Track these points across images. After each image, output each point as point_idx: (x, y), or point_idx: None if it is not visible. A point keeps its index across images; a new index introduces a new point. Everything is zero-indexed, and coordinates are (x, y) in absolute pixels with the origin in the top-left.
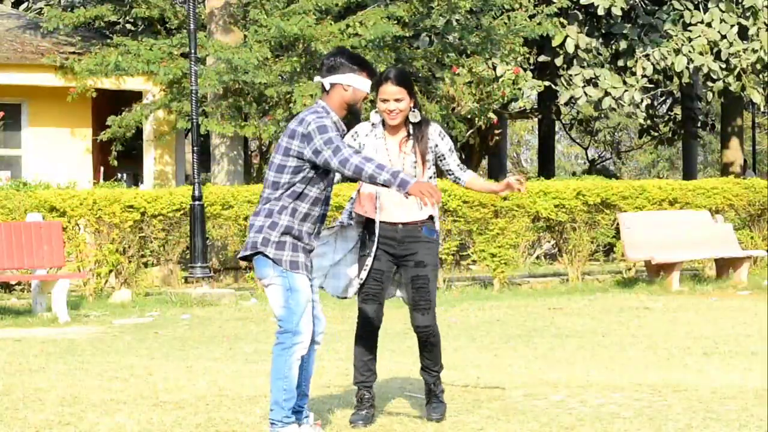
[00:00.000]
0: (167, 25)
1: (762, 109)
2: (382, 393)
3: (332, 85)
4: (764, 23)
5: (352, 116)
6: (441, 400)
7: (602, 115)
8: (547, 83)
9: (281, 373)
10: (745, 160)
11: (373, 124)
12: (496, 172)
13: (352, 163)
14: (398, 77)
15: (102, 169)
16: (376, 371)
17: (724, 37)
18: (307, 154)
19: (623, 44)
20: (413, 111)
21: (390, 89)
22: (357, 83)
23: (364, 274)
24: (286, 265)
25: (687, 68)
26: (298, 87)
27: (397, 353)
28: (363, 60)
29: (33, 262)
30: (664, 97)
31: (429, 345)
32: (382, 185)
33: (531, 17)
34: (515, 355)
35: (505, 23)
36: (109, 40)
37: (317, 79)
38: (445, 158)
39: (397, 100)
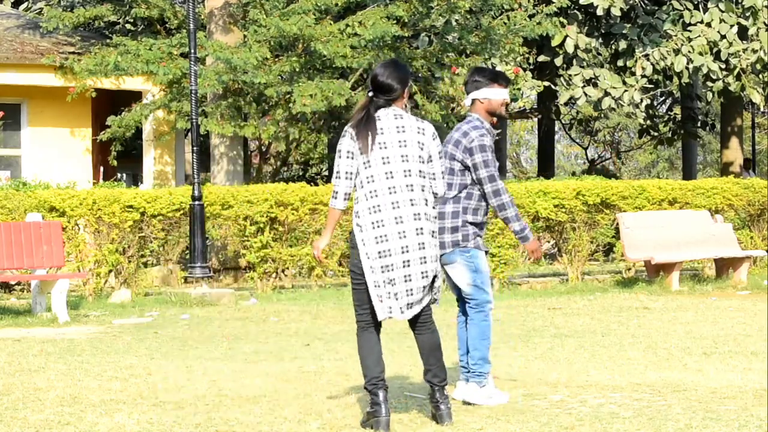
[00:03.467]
0: (167, 25)
1: (762, 109)
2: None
3: (472, 100)
4: (764, 23)
5: (498, 119)
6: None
7: (602, 115)
8: (546, 83)
9: (486, 335)
10: (746, 159)
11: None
12: None
13: (502, 199)
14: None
15: (102, 169)
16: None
17: (723, 37)
18: (469, 164)
19: (623, 44)
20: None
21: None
22: (490, 95)
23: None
24: (476, 247)
25: (687, 68)
26: (297, 87)
27: (398, 352)
28: (492, 72)
29: (33, 262)
30: (663, 97)
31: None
32: (506, 225)
33: (530, 17)
34: (515, 355)
35: (505, 23)
36: (108, 40)
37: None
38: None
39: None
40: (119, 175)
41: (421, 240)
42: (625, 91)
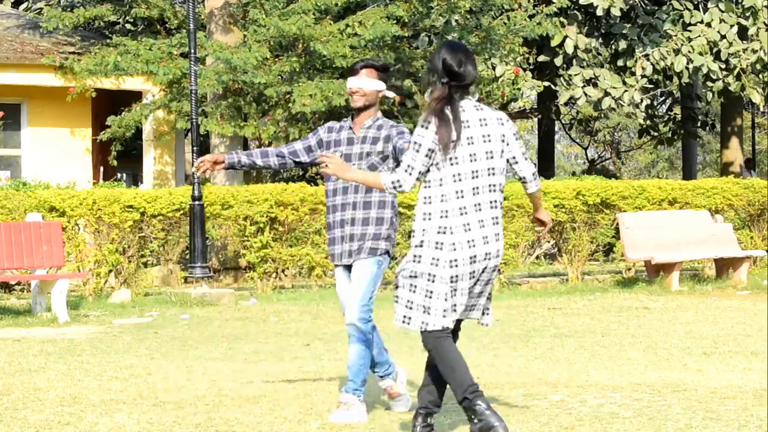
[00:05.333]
0: (167, 25)
1: (761, 109)
2: (382, 392)
3: None
4: (764, 23)
5: (355, 111)
6: None
7: (602, 115)
8: (546, 83)
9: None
10: (747, 159)
11: None
12: None
13: None
14: None
15: (102, 169)
16: None
17: (723, 37)
18: None
19: (623, 44)
20: None
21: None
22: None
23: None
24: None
25: (686, 68)
26: (297, 87)
27: (398, 352)
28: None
29: (33, 262)
30: (663, 97)
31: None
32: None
33: (530, 17)
34: (515, 355)
35: (505, 23)
36: (108, 40)
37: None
38: None
39: None
40: (119, 175)
41: (499, 247)
42: (625, 91)
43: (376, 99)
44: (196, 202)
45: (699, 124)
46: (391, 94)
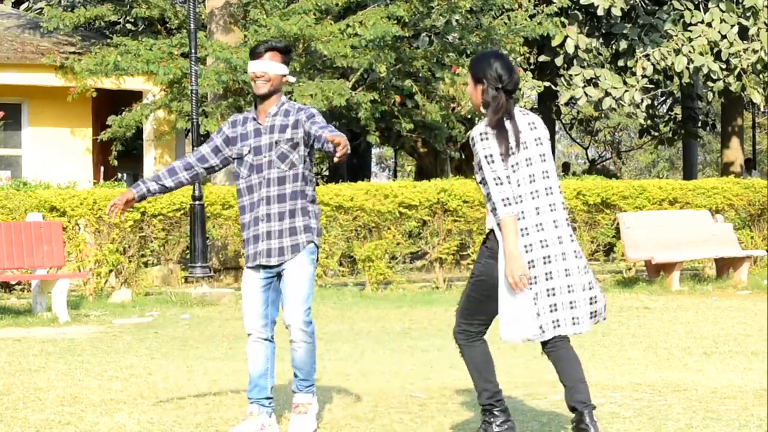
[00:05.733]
0: (167, 25)
1: (762, 109)
2: (383, 393)
3: None
4: (764, 23)
5: (258, 99)
6: None
7: (602, 115)
8: (547, 83)
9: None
10: (747, 159)
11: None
12: None
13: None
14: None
15: (102, 168)
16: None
17: (724, 37)
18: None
19: (623, 44)
20: None
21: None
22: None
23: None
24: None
25: (687, 68)
26: (297, 87)
27: (398, 352)
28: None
29: (33, 262)
30: (664, 97)
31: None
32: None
33: (531, 17)
34: (515, 355)
35: (505, 23)
36: (109, 40)
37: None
38: None
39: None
40: (120, 174)
41: (564, 249)
42: (626, 91)
43: (280, 84)
44: (197, 202)
45: (699, 124)
46: (293, 78)
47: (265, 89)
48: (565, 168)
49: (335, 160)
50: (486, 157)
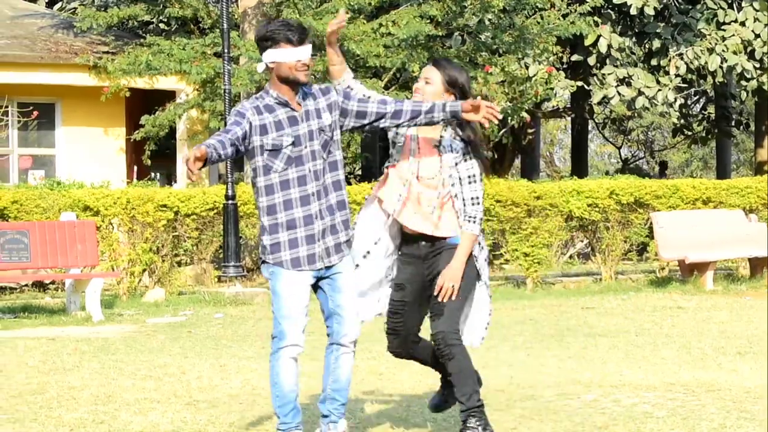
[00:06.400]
0: (200, 25)
1: None
2: (416, 392)
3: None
4: None
5: (292, 85)
6: None
7: (635, 115)
8: (579, 83)
9: (273, 380)
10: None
11: None
12: (529, 170)
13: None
14: (438, 62)
15: (135, 168)
16: None
17: (758, 36)
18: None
19: (656, 43)
20: None
21: (427, 69)
22: (275, 57)
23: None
24: (287, 265)
25: (720, 67)
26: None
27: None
28: (280, 30)
29: (67, 262)
30: (697, 96)
31: (443, 356)
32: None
33: (564, 16)
34: (548, 355)
35: (538, 22)
36: (142, 40)
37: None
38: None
39: (427, 82)
40: (153, 174)
41: None
42: (659, 90)
43: None
44: (230, 202)
45: (733, 123)
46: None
47: (307, 78)
48: (663, 166)
49: (487, 125)
50: (478, 176)
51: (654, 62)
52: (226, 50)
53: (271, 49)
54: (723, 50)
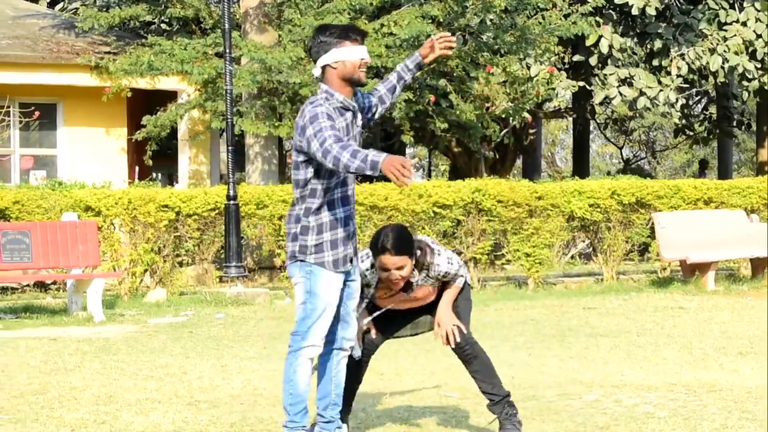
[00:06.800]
0: (202, 25)
1: None
2: (417, 392)
3: (323, 68)
4: None
5: (355, 86)
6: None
7: (637, 115)
8: (581, 83)
9: (287, 378)
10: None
11: (372, 266)
12: (530, 171)
13: (332, 155)
14: (395, 247)
15: (137, 168)
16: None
17: (759, 36)
18: (305, 147)
19: (658, 44)
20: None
21: (390, 260)
22: (342, 56)
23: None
24: (329, 266)
25: (722, 68)
26: None
27: (432, 352)
28: (340, 29)
29: (68, 262)
30: (699, 97)
31: (464, 356)
32: (355, 173)
33: (565, 16)
34: (549, 355)
35: (540, 22)
36: (143, 40)
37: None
38: (446, 283)
39: (398, 269)
40: (154, 174)
41: None
42: (661, 90)
43: None
44: (231, 202)
45: (735, 124)
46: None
47: (366, 78)
48: (703, 165)
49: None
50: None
51: (655, 62)
52: (227, 50)
53: (335, 49)
54: (724, 50)
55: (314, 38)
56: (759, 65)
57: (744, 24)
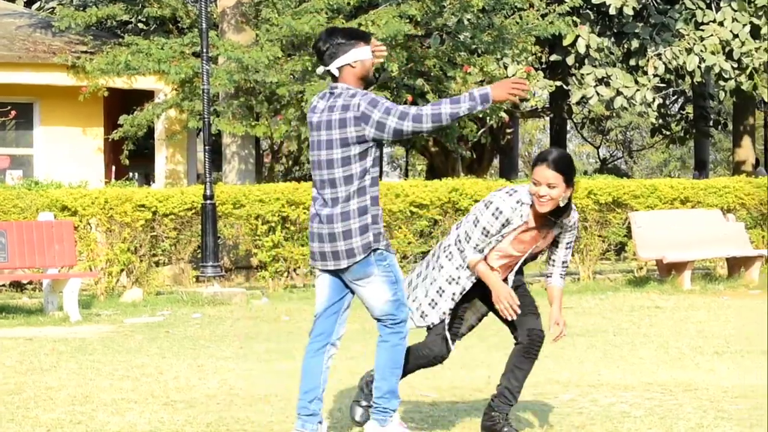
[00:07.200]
0: (179, 25)
1: None
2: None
3: (340, 68)
4: None
5: (367, 86)
6: None
7: (614, 115)
8: (558, 83)
9: (398, 363)
10: (757, 159)
11: (518, 202)
12: (507, 170)
13: (428, 114)
14: (555, 162)
15: (113, 168)
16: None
17: (736, 36)
18: (370, 134)
19: (635, 43)
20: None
21: (544, 173)
22: (361, 56)
23: (446, 307)
24: (388, 250)
25: (699, 67)
26: (309, 86)
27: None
28: (355, 31)
29: (44, 261)
30: (675, 96)
31: (534, 353)
32: (468, 113)
33: (543, 16)
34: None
35: (517, 22)
36: (120, 40)
37: (321, 69)
38: (558, 247)
39: (550, 186)
40: (131, 174)
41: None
42: (638, 90)
43: None
44: (208, 201)
45: (711, 123)
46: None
47: None
48: (700, 165)
49: None
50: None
51: (632, 62)
52: (204, 50)
53: (354, 49)
54: (701, 50)
55: (328, 40)
56: (735, 65)
57: (721, 24)
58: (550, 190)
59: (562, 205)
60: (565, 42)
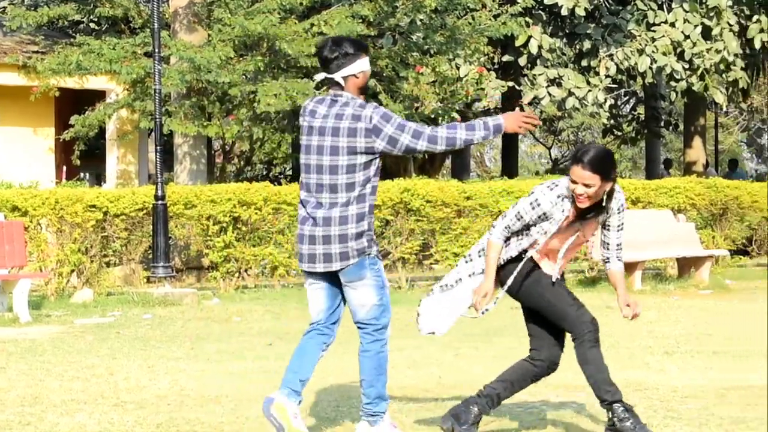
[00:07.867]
0: (131, 25)
1: (724, 109)
2: (343, 392)
3: (345, 77)
4: (728, 23)
5: (364, 95)
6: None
7: (566, 115)
8: (510, 83)
9: (384, 369)
10: (707, 160)
11: (558, 196)
12: (459, 171)
13: (443, 137)
14: (590, 162)
15: (64, 168)
16: None
17: (687, 37)
18: (380, 147)
19: (587, 44)
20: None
21: (581, 173)
22: (364, 67)
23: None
24: (377, 256)
25: (650, 68)
26: (261, 86)
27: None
28: (360, 43)
29: None
30: (627, 97)
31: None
32: (482, 141)
33: (495, 17)
34: (476, 354)
35: (470, 23)
36: (72, 40)
37: (321, 76)
38: (609, 230)
39: (586, 185)
40: (82, 174)
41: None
42: (589, 90)
43: None
44: (159, 202)
45: (662, 124)
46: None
47: None
48: (667, 164)
49: None
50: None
51: (584, 63)
52: (156, 50)
53: (360, 60)
54: (653, 51)
55: (336, 50)
56: (687, 66)
57: (672, 25)
58: (587, 189)
59: (603, 197)
60: (518, 43)
